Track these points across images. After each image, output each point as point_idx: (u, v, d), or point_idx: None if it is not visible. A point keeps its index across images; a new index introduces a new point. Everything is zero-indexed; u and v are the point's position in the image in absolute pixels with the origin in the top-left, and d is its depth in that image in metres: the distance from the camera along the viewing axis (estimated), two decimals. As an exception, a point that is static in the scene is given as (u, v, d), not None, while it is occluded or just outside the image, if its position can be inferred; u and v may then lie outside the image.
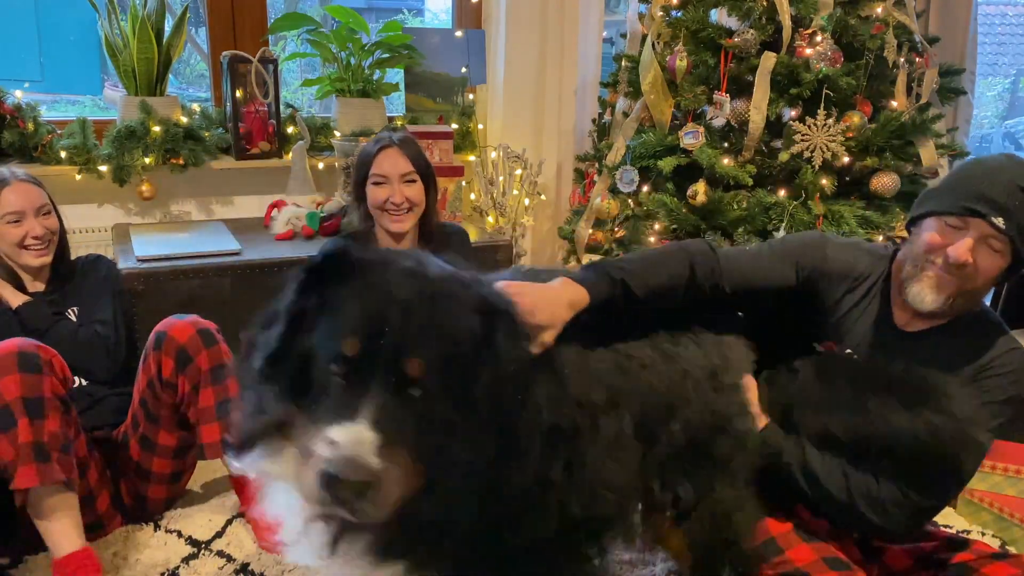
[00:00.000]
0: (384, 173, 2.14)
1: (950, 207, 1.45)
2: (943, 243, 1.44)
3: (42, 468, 1.67)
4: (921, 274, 1.47)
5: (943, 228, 1.45)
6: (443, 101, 3.33)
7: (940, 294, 1.45)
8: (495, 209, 3.23)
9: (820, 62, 2.51)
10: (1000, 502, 2.20)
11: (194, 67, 4.84)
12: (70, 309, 2.13)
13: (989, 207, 1.41)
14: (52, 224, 2.09)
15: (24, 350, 1.72)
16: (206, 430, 1.92)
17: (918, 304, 1.47)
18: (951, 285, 1.44)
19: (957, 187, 1.47)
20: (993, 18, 5.61)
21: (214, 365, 1.91)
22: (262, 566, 1.94)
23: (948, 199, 1.46)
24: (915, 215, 1.56)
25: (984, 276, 1.44)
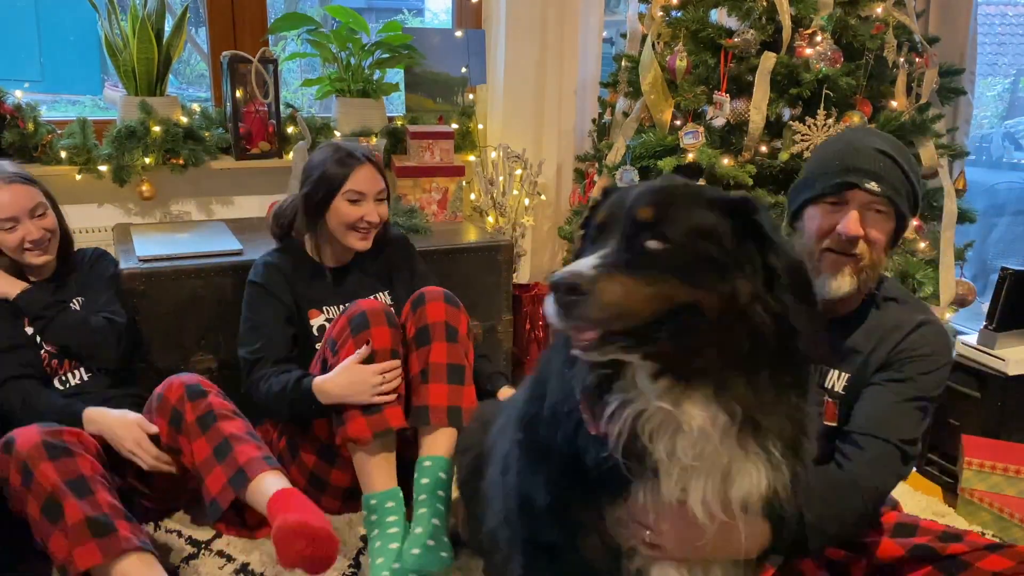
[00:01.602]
0: (362, 191, 2.11)
1: (824, 188, 1.49)
2: (830, 224, 1.47)
3: (104, 543, 1.59)
4: (820, 264, 1.50)
5: (825, 210, 1.49)
6: (443, 101, 3.33)
7: (845, 276, 1.48)
8: (495, 209, 3.24)
9: (820, 62, 2.51)
10: (1000, 502, 2.21)
11: (194, 67, 4.84)
12: (74, 299, 2.13)
13: (860, 175, 1.45)
14: (49, 224, 2.07)
15: (47, 439, 1.67)
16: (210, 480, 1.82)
17: (831, 295, 1.50)
18: (851, 263, 1.47)
19: (824, 168, 1.51)
20: (993, 18, 5.60)
21: (200, 414, 1.86)
22: (262, 566, 1.95)
23: (819, 182, 1.50)
24: (793, 211, 1.59)
25: (878, 243, 1.49)
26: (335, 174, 2.11)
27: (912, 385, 1.54)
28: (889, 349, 1.55)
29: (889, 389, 1.54)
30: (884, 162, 1.47)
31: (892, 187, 1.46)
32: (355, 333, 1.95)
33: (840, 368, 1.59)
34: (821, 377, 1.60)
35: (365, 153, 2.16)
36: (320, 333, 2.18)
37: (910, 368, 1.54)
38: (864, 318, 1.59)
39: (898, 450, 1.50)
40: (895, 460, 1.50)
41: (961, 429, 2.41)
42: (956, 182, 2.76)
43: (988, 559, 1.49)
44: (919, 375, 1.54)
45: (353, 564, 1.98)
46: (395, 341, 1.98)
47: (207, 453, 1.82)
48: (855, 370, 1.58)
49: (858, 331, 1.58)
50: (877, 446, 1.50)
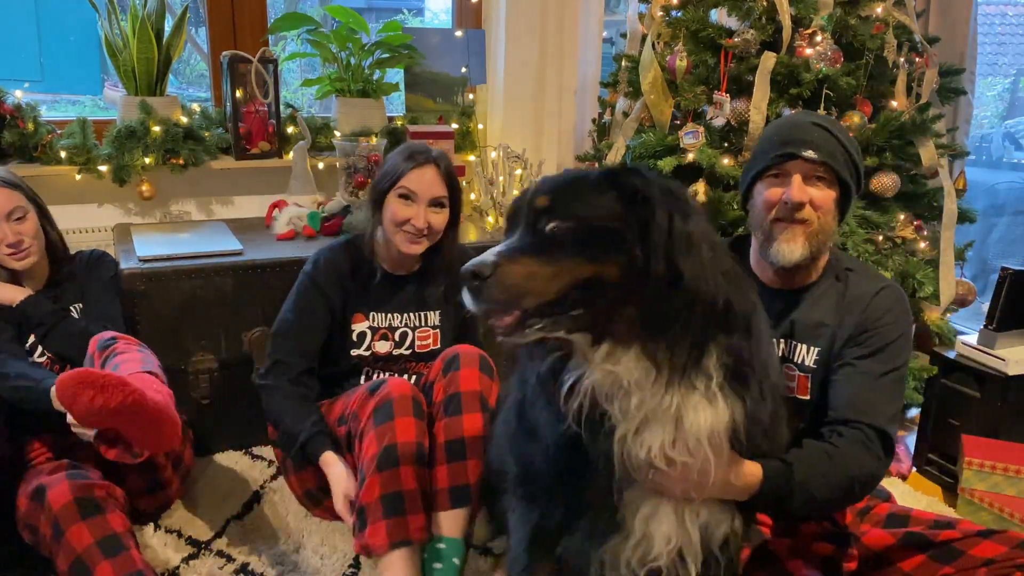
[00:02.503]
0: (414, 189, 2.00)
1: (767, 161, 1.58)
2: (776, 195, 1.56)
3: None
4: (772, 234, 1.57)
5: (770, 183, 1.59)
6: (443, 101, 3.33)
7: (797, 242, 1.55)
8: (495, 209, 3.23)
9: (820, 62, 2.51)
10: (1000, 502, 2.21)
11: (194, 67, 4.84)
12: (72, 306, 2.12)
13: (798, 145, 1.55)
14: (27, 229, 2.01)
15: (79, 496, 1.66)
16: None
17: (784, 260, 1.56)
18: (802, 230, 1.55)
19: (764, 146, 1.61)
20: (993, 18, 5.60)
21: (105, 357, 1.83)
22: (262, 566, 1.95)
23: (762, 158, 1.60)
24: (743, 192, 1.68)
25: (825, 208, 1.56)
26: (396, 166, 2.03)
27: (881, 358, 1.58)
28: (856, 321, 1.60)
29: (860, 368, 1.58)
30: (819, 133, 1.56)
31: (829, 154, 1.54)
32: (378, 424, 1.81)
33: (809, 342, 1.63)
34: (791, 352, 1.64)
35: (437, 157, 2.05)
36: (359, 340, 2.12)
37: (877, 339, 1.59)
38: (826, 291, 1.65)
39: (877, 433, 1.52)
40: (875, 444, 1.51)
41: (961, 429, 2.41)
42: (956, 182, 2.76)
43: (981, 545, 1.51)
44: (886, 345, 1.59)
45: (353, 564, 1.98)
46: (420, 433, 1.83)
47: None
48: (825, 344, 1.62)
49: (823, 304, 1.63)
50: (857, 433, 1.52)
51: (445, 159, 2.08)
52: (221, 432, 2.47)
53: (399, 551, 1.73)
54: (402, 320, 2.17)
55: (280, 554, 2.00)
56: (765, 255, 1.59)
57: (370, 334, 2.14)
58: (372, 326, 2.14)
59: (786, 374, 1.64)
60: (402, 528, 1.74)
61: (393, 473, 1.75)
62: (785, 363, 1.64)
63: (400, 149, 2.10)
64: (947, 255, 2.67)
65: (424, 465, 1.83)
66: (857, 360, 1.59)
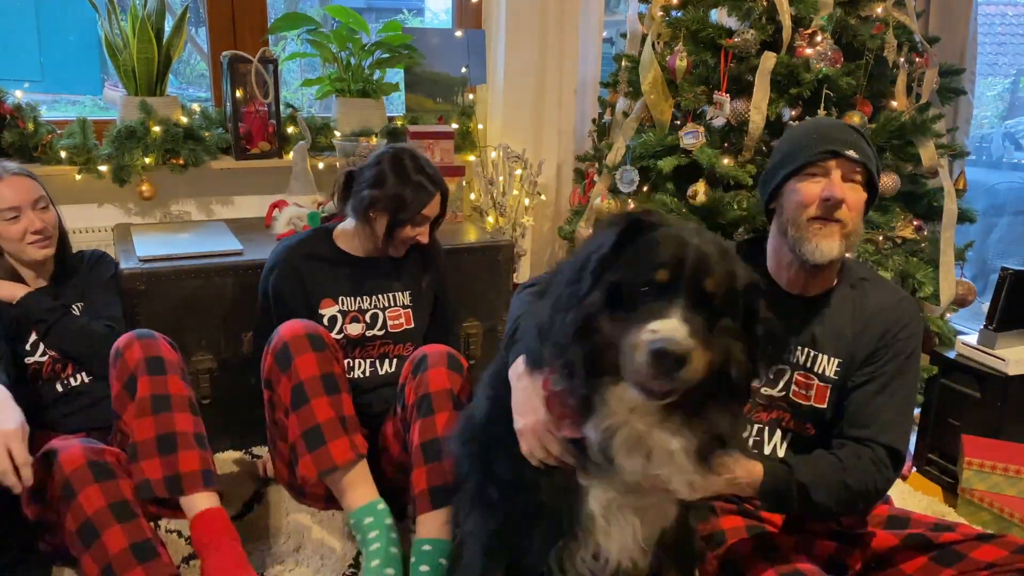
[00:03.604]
0: (428, 215, 2.14)
1: (805, 159, 1.55)
2: (814, 193, 1.54)
3: (150, 567, 1.60)
4: (807, 232, 1.55)
5: (807, 180, 1.56)
6: (443, 101, 3.33)
7: (835, 239, 1.54)
8: (495, 209, 3.24)
9: (820, 62, 2.51)
10: (1000, 502, 2.21)
11: (194, 67, 4.84)
12: (74, 304, 2.12)
13: (839, 144, 1.53)
14: (50, 218, 2.06)
15: (92, 459, 1.66)
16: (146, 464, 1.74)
17: (819, 258, 1.54)
18: (838, 229, 1.54)
19: (802, 144, 1.58)
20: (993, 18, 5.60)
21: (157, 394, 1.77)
22: (262, 566, 1.95)
23: (799, 157, 1.57)
24: (771, 191, 1.63)
25: (856, 210, 1.55)
26: (410, 199, 2.08)
27: (897, 372, 1.59)
28: (878, 333, 1.60)
29: (877, 384, 1.59)
30: (855, 135, 1.57)
31: (866, 155, 1.55)
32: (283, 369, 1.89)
33: (830, 353, 1.62)
34: (811, 361, 1.63)
35: (440, 182, 2.15)
36: (331, 325, 2.16)
37: (894, 352, 1.59)
38: (843, 299, 1.64)
39: (889, 452, 1.54)
40: (886, 463, 1.53)
41: (961, 429, 2.41)
42: (956, 182, 2.76)
43: (981, 549, 1.51)
44: (904, 358, 1.59)
45: (353, 564, 1.98)
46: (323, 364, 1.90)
47: (150, 436, 1.75)
48: (847, 355, 1.61)
49: (843, 313, 1.63)
50: (869, 452, 1.54)
51: (439, 174, 2.16)
52: (221, 432, 2.47)
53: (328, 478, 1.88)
54: (371, 302, 2.21)
55: (280, 554, 2.00)
56: (800, 253, 1.56)
57: (341, 318, 2.17)
58: (342, 310, 2.19)
59: (802, 383, 1.63)
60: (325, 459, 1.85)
61: (306, 409, 1.86)
62: (800, 371, 1.63)
63: (402, 175, 2.09)
64: (947, 255, 2.67)
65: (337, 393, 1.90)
66: (877, 374, 1.59)
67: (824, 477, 1.50)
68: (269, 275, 2.19)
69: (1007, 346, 2.40)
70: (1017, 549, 1.48)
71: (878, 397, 1.57)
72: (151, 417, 1.76)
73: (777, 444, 1.66)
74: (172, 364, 1.83)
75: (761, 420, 1.67)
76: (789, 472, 1.48)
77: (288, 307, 2.15)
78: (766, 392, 1.65)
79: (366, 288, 2.21)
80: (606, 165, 3.00)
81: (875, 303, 1.62)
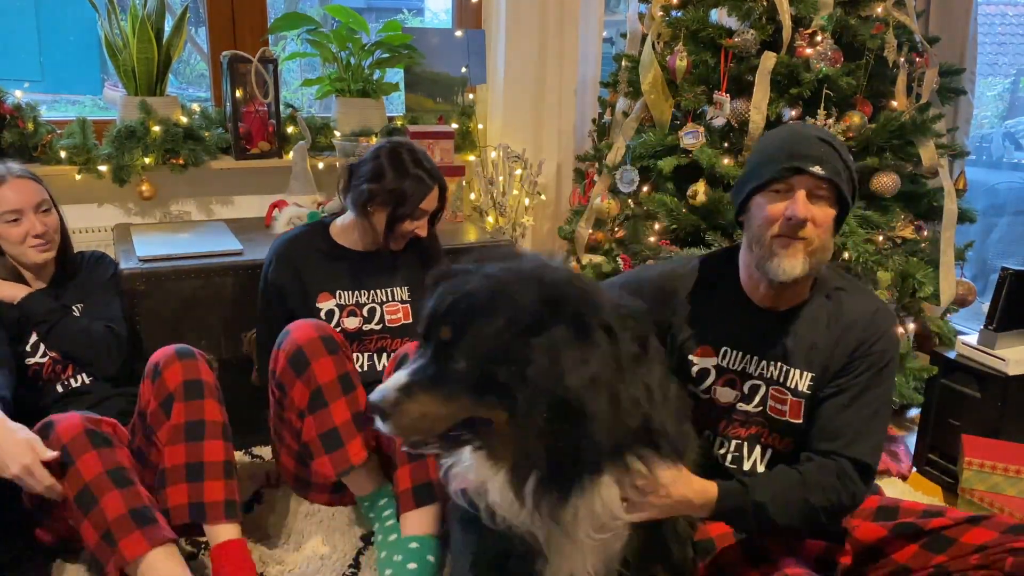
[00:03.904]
0: (427, 209, 2.14)
1: (771, 174, 1.51)
2: (778, 210, 1.50)
3: (148, 532, 1.63)
4: (771, 249, 1.52)
5: (771, 198, 1.52)
6: (443, 101, 3.33)
7: (798, 258, 1.50)
8: (495, 209, 3.24)
9: (820, 62, 2.51)
10: (1000, 502, 2.21)
11: (194, 67, 4.84)
12: (74, 306, 2.12)
13: (805, 160, 1.48)
14: (52, 222, 2.06)
15: (88, 427, 1.69)
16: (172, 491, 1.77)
17: (782, 276, 1.51)
18: (803, 247, 1.50)
19: (768, 158, 1.53)
20: (993, 18, 5.59)
21: (191, 420, 1.80)
22: (262, 566, 1.94)
23: (765, 170, 1.52)
24: (739, 203, 1.61)
25: (823, 227, 1.51)
26: (409, 191, 2.08)
27: (870, 384, 1.56)
28: (851, 345, 1.57)
29: (848, 396, 1.56)
30: (825, 148, 1.51)
31: (835, 171, 1.49)
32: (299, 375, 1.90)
33: (803, 367, 1.59)
34: (783, 376, 1.60)
35: (438, 176, 2.15)
36: (328, 318, 2.16)
37: (868, 364, 1.56)
38: (817, 311, 1.60)
39: (858, 466, 1.52)
40: (853, 476, 1.52)
41: (961, 429, 2.41)
42: (956, 182, 2.76)
43: (971, 532, 1.51)
44: (878, 370, 1.57)
45: (353, 564, 1.98)
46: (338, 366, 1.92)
47: (179, 462, 1.78)
48: (819, 370, 1.59)
49: (816, 326, 1.59)
50: (834, 465, 1.52)
51: (437, 168, 2.17)
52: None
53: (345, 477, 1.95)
54: (369, 296, 2.21)
55: (280, 554, 2.00)
56: (764, 270, 1.54)
57: (338, 311, 2.18)
58: (339, 303, 2.19)
59: (778, 397, 1.61)
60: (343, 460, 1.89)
61: (324, 412, 1.89)
62: (774, 386, 1.61)
63: (400, 169, 2.09)
64: (947, 255, 2.67)
65: (353, 390, 1.93)
66: (848, 386, 1.56)
67: (783, 495, 1.49)
68: (267, 269, 2.20)
69: (1007, 346, 2.40)
70: (1007, 529, 1.48)
71: (848, 410, 1.55)
72: (183, 444, 1.79)
73: (757, 460, 1.65)
74: (209, 387, 1.85)
75: (739, 436, 1.65)
76: (745, 491, 1.48)
77: (287, 301, 2.16)
78: (742, 408, 1.64)
79: (364, 282, 2.21)
80: (606, 165, 3.00)
81: (849, 314, 1.59)
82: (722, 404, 1.65)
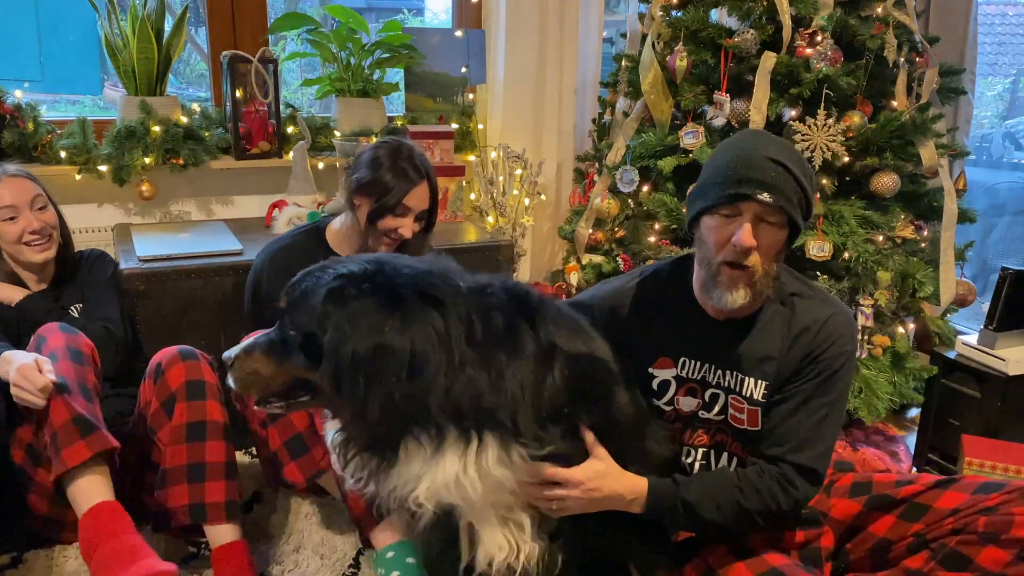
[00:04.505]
0: (411, 206, 2.07)
1: (718, 199, 1.47)
2: (726, 236, 1.47)
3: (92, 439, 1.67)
4: (716, 278, 1.50)
5: (720, 222, 1.48)
6: (443, 101, 3.33)
7: (739, 290, 1.49)
8: (495, 209, 3.24)
9: (820, 62, 2.51)
10: (1000, 502, 2.20)
11: (194, 67, 4.84)
12: (73, 306, 2.12)
13: (753, 186, 1.43)
14: (49, 218, 2.07)
15: (71, 345, 1.76)
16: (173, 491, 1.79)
17: (727, 306, 1.51)
18: (745, 276, 1.48)
19: (718, 178, 1.48)
20: (993, 18, 5.59)
21: (193, 421, 1.81)
22: (262, 566, 1.95)
23: (713, 192, 1.48)
24: (690, 219, 1.58)
25: (771, 252, 1.49)
26: (393, 184, 2.04)
27: (821, 389, 1.54)
28: (803, 352, 1.55)
29: (796, 401, 1.55)
30: (776, 171, 1.44)
31: (784, 196, 1.44)
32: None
33: (757, 376, 1.58)
34: (738, 384, 1.59)
35: (428, 171, 2.11)
36: None
37: (820, 368, 1.54)
38: (772, 319, 1.58)
39: (801, 470, 1.52)
40: (796, 481, 1.52)
41: (961, 429, 2.41)
42: (956, 182, 2.76)
43: (943, 497, 1.52)
44: (830, 375, 1.54)
45: (353, 564, 1.98)
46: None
47: (181, 464, 1.79)
48: (773, 377, 1.57)
49: (770, 334, 1.57)
50: (776, 470, 1.52)
51: (432, 170, 2.14)
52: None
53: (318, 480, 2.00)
54: None
55: (280, 554, 2.00)
56: (708, 294, 1.53)
57: None
58: None
59: (736, 406, 1.60)
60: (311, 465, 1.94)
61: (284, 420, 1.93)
62: (732, 395, 1.60)
63: (387, 161, 2.07)
64: (947, 255, 2.67)
65: None
66: (796, 392, 1.55)
67: (715, 496, 1.50)
68: (259, 277, 2.15)
69: (1007, 346, 2.40)
70: (976, 489, 1.49)
71: (795, 415, 1.54)
72: (184, 445, 1.80)
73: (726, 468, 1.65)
74: (211, 388, 1.85)
75: (705, 444, 1.65)
76: (676, 488, 1.50)
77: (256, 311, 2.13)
78: (704, 416, 1.63)
79: None
80: (606, 165, 3.00)
81: (803, 320, 1.56)
82: (685, 413, 1.64)
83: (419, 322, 1.25)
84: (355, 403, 1.26)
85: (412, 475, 1.29)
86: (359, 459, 1.31)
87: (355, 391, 1.25)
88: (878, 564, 1.59)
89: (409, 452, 1.28)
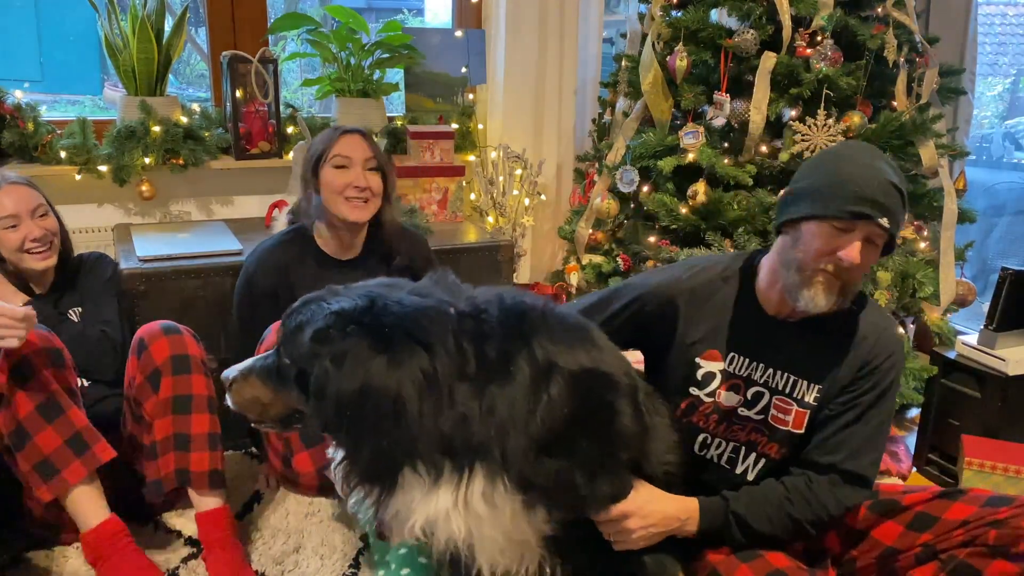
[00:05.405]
0: (347, 155, 2.07)
1: (836, 212, 1.46)
2: (832, 247, 1.48)
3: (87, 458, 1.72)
4: (812, 280, 1.51)
5: (829, 232, 1.48)
6: (443, 101, 3.33)
7: (832, 295, 1.51)
8: (495, 209, 3.24)
9: (820, 62, 2.52)
10: (1000, 502, 2.20)
11: (194, 67, 4.84)
12: (72, 309, 2.12)
13: (874, 209, 1.44)
14: (50, 225, 2.07)
15: (46, 346, 1.76)
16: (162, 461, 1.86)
17: (812, 308, 1.52)
18: (839, 284, 1.51)
19: (836, 190, 1.48)
20: (993, 18, 5.59)
21: (179, 395, 1.86)
22: (262, 566, 1.95)
23: (831, 203, 1.47)
24: (788, 219, 1.57)
25: (867, 267, 1.54)
26: (323, 140, 2.12)
27: (875, 401, 1.58)
28: (860, 361, 1.58)
29: (853, 412, 1.58)
30: (895, 197, 1.47)
31: (897, 224, 1.48)
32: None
33: (812, 379, 1.60)
34: (791, 387, 1.61)
35: (360, 128, 2.15)
36: None
37: (874, 381, 1.58)
38: (827, 324, 1.59)
39: (854, 478, 1.56)
40: (846, 489, 1.56)
41: (961, 429, 2.41)
42: (956, 182, 2.76)
43: (952, 508, 1.53)
44: (884, 389, 1.58)
45: (353, 564, 1.98)
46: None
47: (168, 434, 1.85)
48: (827, 382, 1.59)
49: (828, 339, 1.59)
50: (826, 480, 1.56)
51: (366, 130, 2.17)
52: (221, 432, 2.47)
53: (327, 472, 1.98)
54: None
55: (280, 554, 2.00)
56: (793, 295, 1.53)
57: None
58: None
59: (781, 407, 1.61)
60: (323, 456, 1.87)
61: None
62: (778, 395, 1.62)
63: (323, 132, 2.17)
64: (947, 255, 2.67)
65: None
66: (852, 404, 1.58)
67: (765, 507, 1.55)
68: (251, 281, 2.15)
69: (1007, 346, 2.40)
70: (984, 503, 1.49)
71: (852, 426, 1.57)
72: (170, 417, 1.85)
73: (750, 467, 1.66)
74: (196, 361, 1.89)
75: (738, 440, 1.66)
76: (725, 504, 1.55)
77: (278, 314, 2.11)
78: (743, 413, 1.64)
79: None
80: (606, 165, 3.00)
81: (863, 329, 1.59)
82: (725, 407, 1.65)
83: (405, 364, 1.23)
84: (345, 443, 1.30)
85: (411, 505, 1.29)
86: (360, 488, 1.32)
87: (342, 432, 1.28)
88: (885, 572, 1.60)
89: (408, 481, 1.28)
